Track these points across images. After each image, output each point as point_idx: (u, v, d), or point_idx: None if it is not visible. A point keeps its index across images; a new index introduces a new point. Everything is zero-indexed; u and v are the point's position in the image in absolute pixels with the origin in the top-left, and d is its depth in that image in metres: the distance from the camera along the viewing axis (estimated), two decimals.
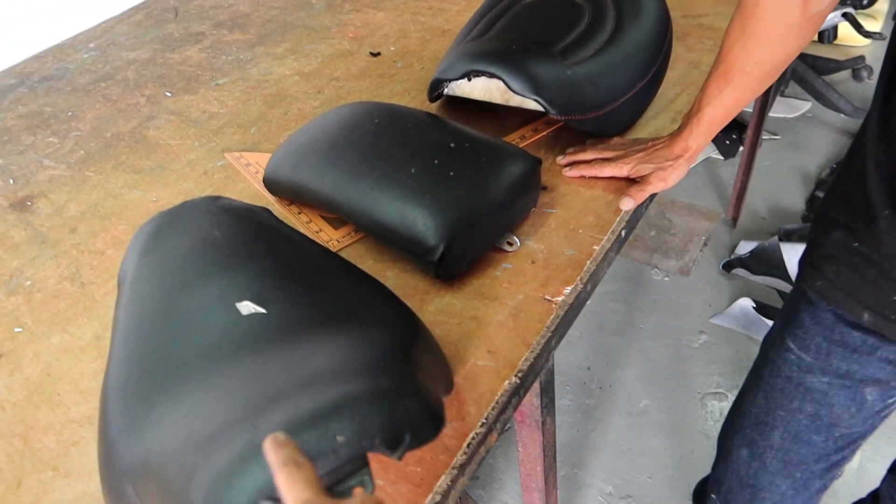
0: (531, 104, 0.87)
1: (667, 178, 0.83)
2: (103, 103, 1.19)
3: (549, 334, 0.71)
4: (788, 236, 1.86)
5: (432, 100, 0.97)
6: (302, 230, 0.84)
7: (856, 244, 0.70)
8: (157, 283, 0.61)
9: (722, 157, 2.20)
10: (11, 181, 1.04)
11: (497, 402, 0.64)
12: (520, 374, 0.67)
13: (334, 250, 0.81)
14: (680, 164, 0.83)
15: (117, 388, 0.56)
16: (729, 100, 0.78)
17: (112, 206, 0.95)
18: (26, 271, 0.87)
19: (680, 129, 0.84)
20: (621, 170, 0.84)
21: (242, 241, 0.64)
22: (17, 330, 0.80)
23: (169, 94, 1.18)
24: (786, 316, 0.82)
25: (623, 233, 0.84)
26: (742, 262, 1.83)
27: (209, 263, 0.61)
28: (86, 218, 0.94)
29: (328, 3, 1.41)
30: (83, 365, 0.74)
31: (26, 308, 0.82)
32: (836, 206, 0.73)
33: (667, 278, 1.86)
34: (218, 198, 0.70)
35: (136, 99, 1.19)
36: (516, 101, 0.88)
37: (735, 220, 1.97)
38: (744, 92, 0.78)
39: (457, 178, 0.75)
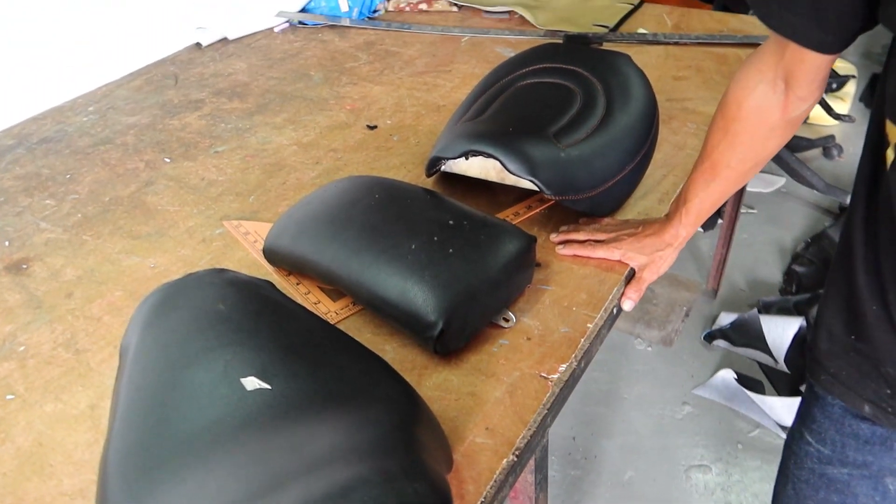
0: (526, 183, 0.90)
1: (659, 270, 0.87)
2: (102, 167, 1.21)
3: (546, 411, 0.72)
4: (767, 309, 1.90)
5: (429, 175, 1.00)
6: (300, 301, 0.85)
7: (852, 338, 0.73)
8: (161, 356, 0.62)
9: (702, 230, 2.26)
10: (7, 243, 1.04)
11: (495, 481, 0.64)
12: (517, 452, 0.67)
13: (332, 322, 0.82)
14: (670, 254, 0.87)
15: (118, 463, 0.56)
16: (715, 192, 0.83)
17: (109, 272, 0.96)
18: (20, 336, 0.87)
19: (669, 218, 0.87)
20: (613, 253, 0.87)
21: (247, 315, 0.65)
22: (9, 397, 0.79)
23: (168, 160, 1.21)
24: (802, 409, 0.84)
25: (615, 310, 0.87)
26: (723, 333, 1.86)
27: (214, 337, 0.62)
28: (82, 283, 0.95)
29: (326, 75, 1.46)
30: (77, 435, 0.73)
31: (19, 374, 0.82)
32: (831, 301, 0.76)
33: (650, 348, 1.88)
34: (223, 270, 0.71)
35: (134, 164, 1.21)
36: (511, 180, 0.92)
37: (716, 291, 2.02)
38: (729, 185, 0.82)
39: (456, 255, 0.78)
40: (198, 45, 1.66)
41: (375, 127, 1.24)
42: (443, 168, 0.97)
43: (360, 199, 0.87)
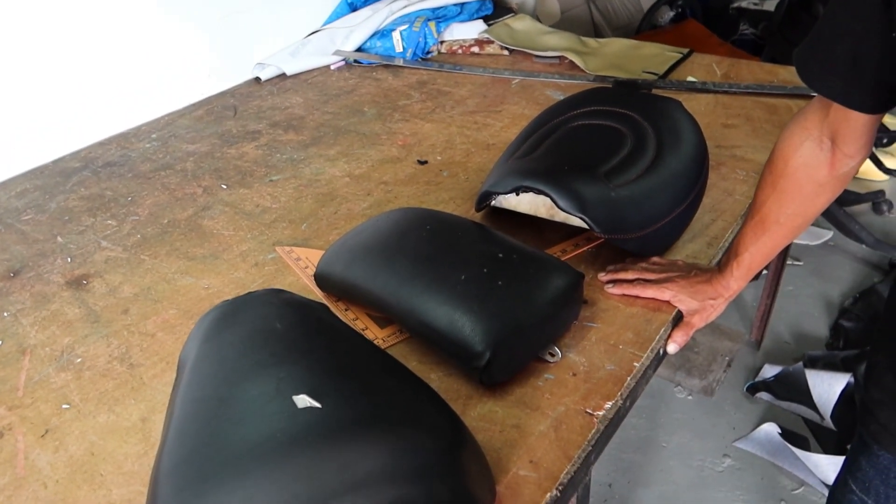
0: (575, 221, 0.91)
1: (708, 318, 0.87)
2: (161, 191, 1.25)
3: (590, 448, 0.72)
4: (813, 363, 1.85)
5: (478, 209, 1.02)
6: None
7: None
8: (217, 370, 0.64)
9: None
10: (69, 259, 1.08)
11: None
12: (560, 487, 0.67)
13: None
14: (720, 304, 0.87)
15: (170, 471, 0.57)
16: (766, 246, 0.83)
17: (164, 291, 0.99)
18: (77, 348, 0.90)
19: (721, 269, 0.87)
20: (663, 294, 0.87)
21: (302, 335, 0.66)
22: (64, 406, 0.81)
23: (225, 187, 1.25)
24: (849, 458, 0.83)
25: (661, 351, 0.86)
26: (767, 385, 1.81)
27: (269, 354, 0.63)
28: (138, 300, 0.98)
29: (379, 112, 1.50)
30: (127, 447, 0.75)
31: (75, 385, 0.84)
32: (883, 352, 0.75)
33: (690, 397, 1.85)
34: (280, 291, 0.73)
35: (193, 189, 1.25)
36: (560, 217, 0.93)
37: (759, 342, 1.97)
38: (779, 240, 0.82)
39: (504, 288, 0.78)
40: (257, 79, 1.73)
41: (426, 162, 1.27)
42: (493, 203, 0.98)
43: (411, 229, 0.89)
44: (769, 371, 1.86)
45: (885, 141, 2.63)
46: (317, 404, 0.59)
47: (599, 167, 0.95)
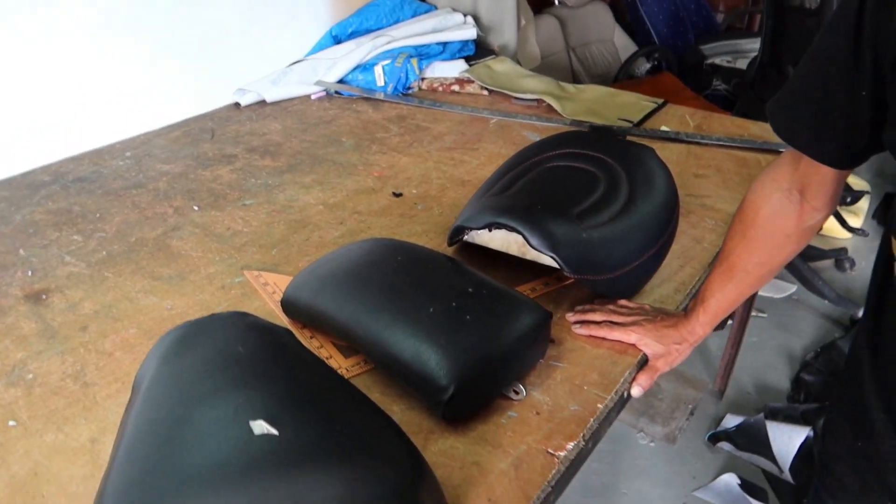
0: (546, 260, 0.92)
1: (673, 362, 0.88)
2: (132, 209, 1.24)
3: (550, 489, 0.71)
4: (774, 415, 1.87)
5: (451, 244, 1.02)
6: None
7: (858, 444, 0.72)
8: (174, 391, 0.62)
9: None
10: (30, 272, 1.05)
11: None
12: None
13: None
14: (685, 349, 0.88)
15: (117, 493, 0.55)
16: (732, 293, 0.84)
17: (126, 309, 0.97)
18: (30, 364, 0.87)
19: (687, 314, 0.88)
20: (629, 337, 0.88)
21: (264, 360, 0.65)
22: (10, 423, 0.79)
23: (196, 208, 1.23)
24: None
25: (626, 394, 0.86)
26: (728, 435, 1.82)
27: (229, 378, 0.62)
28: (98, 317, 0.95)
29: (357, 142, 1.51)
30: (73, 468, 0.73)
31: (24, 402, 0.82)
32: (841, 407, 0.76)
33: (652, 443, 1.85)
34: (245, 314, 0.72)
35: (164, 209, 1.24)
36: (532, 255, 0.93)
37: (722, 392, 1.99)
38: (745, 288, 0.84)
39: (472, 323, 0.78)
40: (237, 104, 1.73)
41: (401, 195, 1.27)
42: (465, 238, 0.98)
43: (382, 260, 0.89)
44: (731, 421, 1.87)
45: (848, 200, 2.72)
46: (274, 431, 0.58)
47: (572, 208, 0.96)
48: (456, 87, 1.83)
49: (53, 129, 1.42)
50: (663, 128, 1.59)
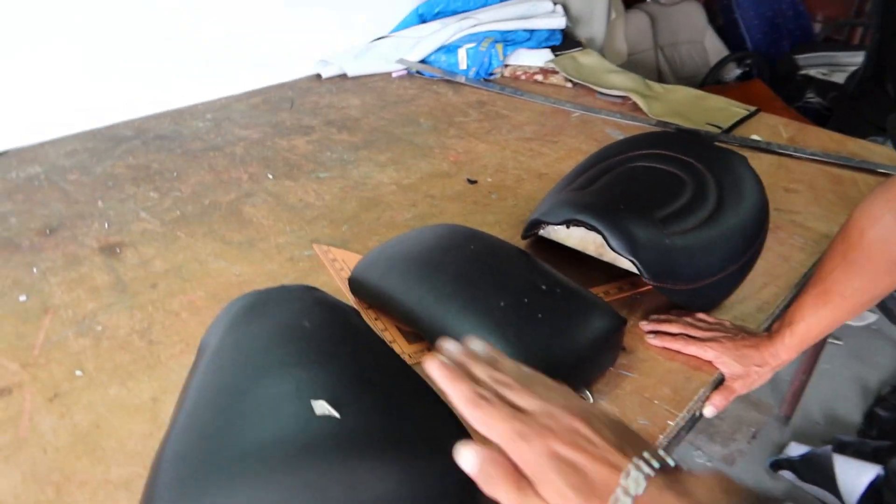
0: (624, 263, 0.87)
1: (751, 385, 0.83)
2: (207, 171, 1.25)
3: None
4: (842, 448, 1.77)
5: (524, 237, 0.98)
6: None
7: None
8: (238, 361, 0.61)
9: None
10: (107, 225, 1.07)
11: None
12: None
13: None
14: (766, 372, 0.83)
15: (173, 460, 0.54)
16: (825, 320, 0.78)
17: (195, 271, 0.97)
18: (100, 316, 0.88)
19: (771, 336, 0.83)
20: (706, 353, 0.83)
21: (330, 337, 0.63)
22: (77, 373, 0.79)
23: (271, 177, 1.23)
24: None
25: (698, 413, 0.82)
26: (791, 464, 1.74)
27: (294, 353, 0.60)
28: (168, 276, 0.96)
29: (434, 125, 1.48)
30: (134, 425, 0.73)
31: (92, 353, 0.82)
32: None
33: (709, 463, 1.78)
34: (313, 288, 0.70)
35: (239, 174, 1.24)
36: (609, 256, 0.89)
37: (788, 418, 1.90)
38: (840, 315, 0.78)
39: (543, 321, 0.75)
40: (318, 76, 1.73)
41: (476, 182, 1.24)
42: (541, 232, 0.95)
43: (454, 247, 0.86)
44: (795, 449, 1.78)
45: None
46: (335, 413, 0.56)
47: (656, 212, 0.91)
48: (539, 77, 1.79)
49: (139, 85, 1.45)
50: (754, 136, 1.51)
